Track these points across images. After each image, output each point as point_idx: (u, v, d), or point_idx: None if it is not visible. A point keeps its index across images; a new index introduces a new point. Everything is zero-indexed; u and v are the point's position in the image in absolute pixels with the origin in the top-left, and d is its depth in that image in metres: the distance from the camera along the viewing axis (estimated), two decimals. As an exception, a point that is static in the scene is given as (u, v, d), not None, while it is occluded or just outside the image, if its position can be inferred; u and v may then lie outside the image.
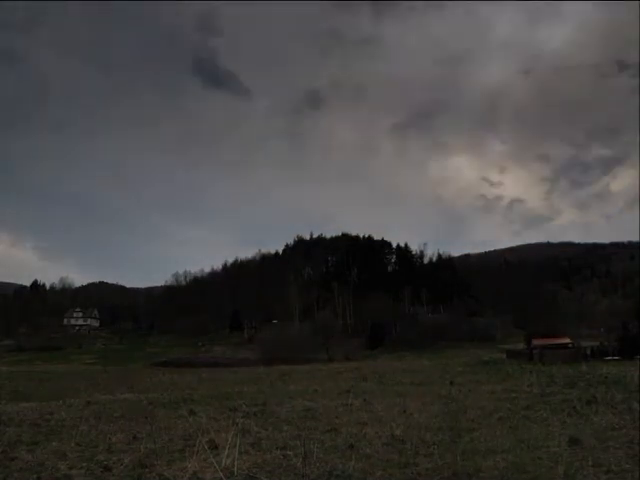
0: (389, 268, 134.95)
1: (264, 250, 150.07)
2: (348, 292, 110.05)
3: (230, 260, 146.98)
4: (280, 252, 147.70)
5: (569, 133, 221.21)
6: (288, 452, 8.31)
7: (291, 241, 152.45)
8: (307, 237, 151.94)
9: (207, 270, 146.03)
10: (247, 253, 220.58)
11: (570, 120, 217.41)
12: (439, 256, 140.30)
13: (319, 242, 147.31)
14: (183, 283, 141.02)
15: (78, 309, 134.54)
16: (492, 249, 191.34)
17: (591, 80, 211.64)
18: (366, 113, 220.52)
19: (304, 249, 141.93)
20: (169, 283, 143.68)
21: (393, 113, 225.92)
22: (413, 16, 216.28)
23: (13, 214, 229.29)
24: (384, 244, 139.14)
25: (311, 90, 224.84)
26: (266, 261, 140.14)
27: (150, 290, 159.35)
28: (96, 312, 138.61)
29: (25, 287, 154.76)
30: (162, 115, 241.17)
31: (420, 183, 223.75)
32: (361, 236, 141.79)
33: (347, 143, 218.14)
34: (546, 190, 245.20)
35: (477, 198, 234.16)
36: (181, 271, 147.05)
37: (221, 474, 6.58)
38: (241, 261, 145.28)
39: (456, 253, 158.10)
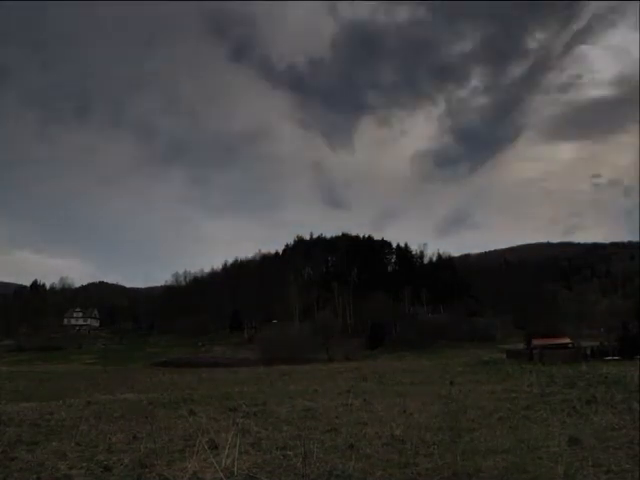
0: (389, 268, 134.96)
1: (264, 250, 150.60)
2: (348, 292, 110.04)
3: (230, 260, 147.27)
4: (280, 252, 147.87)
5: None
6: (288, 452, 8.30)
7: (291, 241, 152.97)
8: (307, 237, 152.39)
9: (207, 270, 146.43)
10: (247, 253, 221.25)
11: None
12: (439, 256, 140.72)
13: (319, 242, 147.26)
14: (183, 283, 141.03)
15: (78, 309, 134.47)
16: (492, 249, 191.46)
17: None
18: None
19: (304, 249, 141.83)
20: (169, 283, 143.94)
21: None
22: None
23: (13, 214, 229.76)
24: (384, 244, 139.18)
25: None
26: (266, 261, 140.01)
27: (150, 290, 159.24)
28: (96, 312, 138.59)
29: (25, 287, 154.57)
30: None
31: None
32: (361, 236, 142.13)
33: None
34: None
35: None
36: (181, 271, 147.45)
37: (221, 474, 6.57)
38: (241, 261, 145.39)
39: (456, 253, 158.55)
